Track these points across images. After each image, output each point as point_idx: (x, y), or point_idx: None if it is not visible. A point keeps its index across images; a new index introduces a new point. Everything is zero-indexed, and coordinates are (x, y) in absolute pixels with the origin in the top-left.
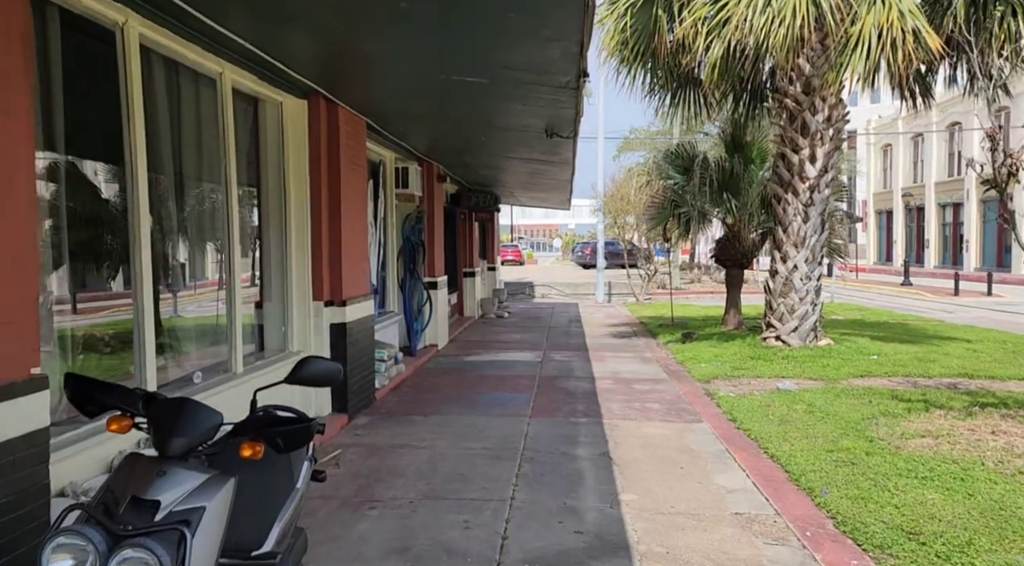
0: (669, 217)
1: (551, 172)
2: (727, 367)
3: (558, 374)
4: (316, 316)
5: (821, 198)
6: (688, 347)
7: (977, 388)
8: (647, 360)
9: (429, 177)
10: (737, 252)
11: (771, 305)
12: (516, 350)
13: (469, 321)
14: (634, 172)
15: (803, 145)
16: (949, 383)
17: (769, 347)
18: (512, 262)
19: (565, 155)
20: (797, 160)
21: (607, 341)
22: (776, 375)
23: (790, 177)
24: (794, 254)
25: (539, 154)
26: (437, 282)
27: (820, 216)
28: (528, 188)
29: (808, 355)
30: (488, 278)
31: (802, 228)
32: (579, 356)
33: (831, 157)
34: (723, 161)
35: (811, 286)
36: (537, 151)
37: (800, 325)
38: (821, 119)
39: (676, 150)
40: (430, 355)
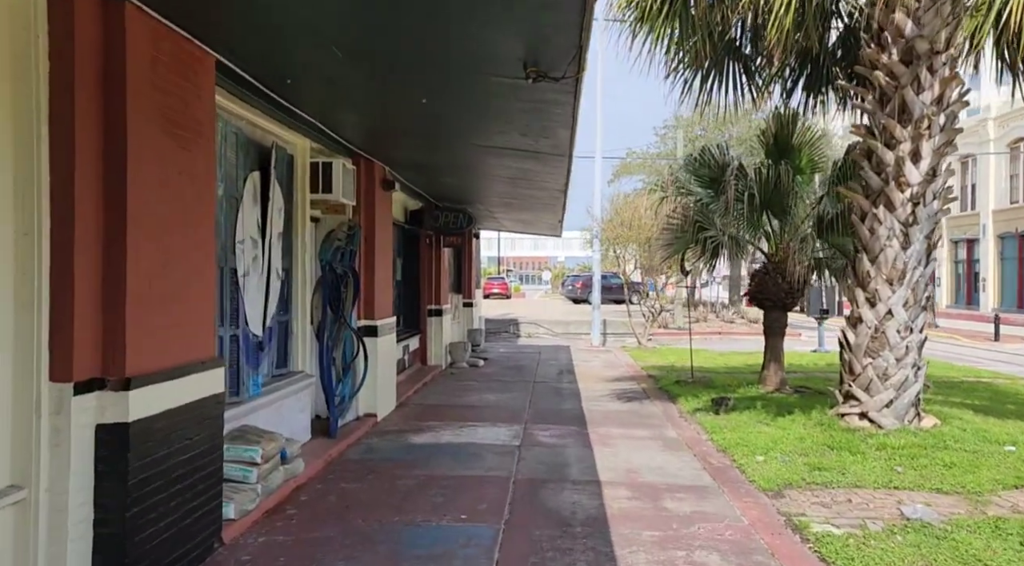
0: (690, 243)
1: (539, 176)
2: (800, 464)
3: (544, 475)
4: (56, 413)
5: (927, 214)
6: (726, 421)
7: None
8: (674, 444)
9: (368, 181)
10: (780, 290)
11: (851, 367)
12: (487, 423)
13: (433, 373)
14: (641, 193)
15: (902, 137)
16: None
17: (851, 428)
18: (498, 295)
19: (559, 136)
20: (893, 159)
21: (611, 406)
22: (885, 485)
23: (881, 184)
24: (888, 294)
25: (522, 137)
26: (378, 326)
27: (926, 240)
28: (511, 205)
29: (914, 444)
30: (463, 316)
31: (900, 257)
32: (574, 435)
33: (942, 155)
34: (764, 170)
35: (913, 341)
36: (518, 131)
37: (897, 397)
38: (929, 99)
39: (701, 157)
40: (362, 433)
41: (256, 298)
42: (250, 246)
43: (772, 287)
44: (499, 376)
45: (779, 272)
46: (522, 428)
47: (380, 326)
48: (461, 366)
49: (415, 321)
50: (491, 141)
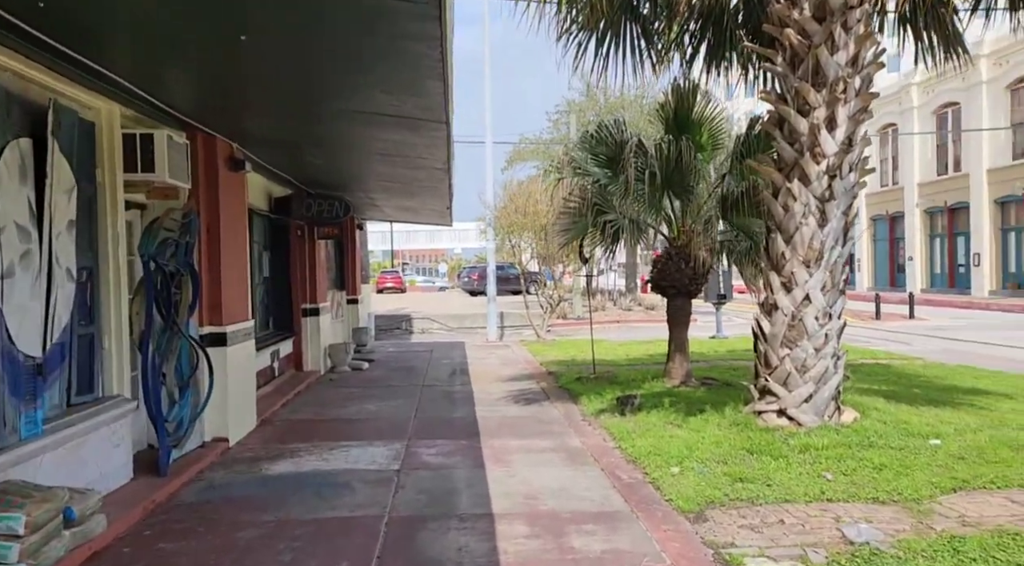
0: (589, 228)
1: (416, 150)
2: (720, 475)
3: (426, 509)
4: None
5: (844, 188)
6: (633, 424)
7: None
8: (578, 457)
9: (209, 159)
10: (684, 276)
11: (767, 359)
12: (363, 441)
13: (309, 379)
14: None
15: (816, 102)
16: None
17: (769, 428)
18: (393, 290)
19: (428, 91)
20: (807, 127)
21: (508, 411)
22: (817, 497)
23: (795, 155)
24: (805, 277)
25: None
26: (228, 333)
27: (843, 216)
28: (391, 190)
29: (838, 444)
30: (347, 314)
31: (816, 236)
32: (465, 451)
33: (858, 122)
34: (665, 147)
35: (832, 328)
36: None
37: (817, 391)
38: (844, 60)
39: (598, 134)
40: (204, 465)
41: (29, 307)
42: (16, 237)
43: (675, 273)
44: (385, 380)
45: (682, 257)
46: (404, 446)
47: (231, 333)
48: (343, 370)
49: (287, 322)
50: (350, 103)
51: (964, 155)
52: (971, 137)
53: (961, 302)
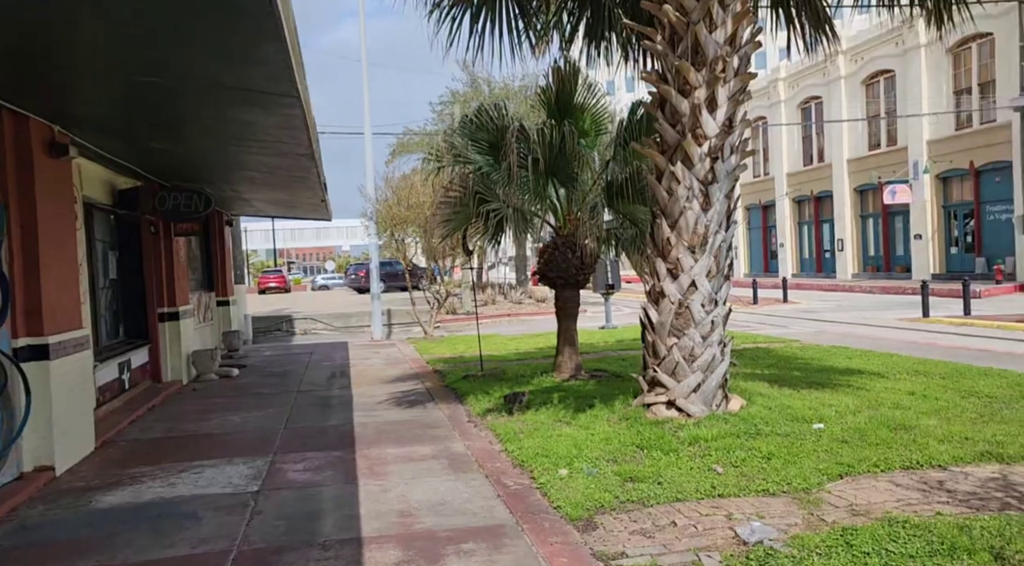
0: (471, 218)
1: (271, 133)
2: (610, 476)
3: (284, 538)
4: None
5: (726, 170)
6: (521, 424)
7: None
8: (462, 463)
9: (20, 143)
10: (571, 266)
11: (655, 349)
12: (220, 460)
13: (168, 391)
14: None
15: (696, 82)
16: (990, 478)
17: (659, 420)
18: (276, 289)
19: (268, 56)
20: (688, 107)
21: (389, 416)
22: (708, 493)
23: (678, 137)
24: (690, 263)
25: (221, 63)
26: (50, 345)
27: (726, 200)
28: (256, 181)
29: (727, 434)
30: (217, 317)
31: (701, 220)
32: (337, 464)
33: (738, 103)
34: (547, 132)
35: (718, 315)
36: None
37: (705, 380)
38: (722, 38)
39: (478, 118)
40: (20, 500)
41: None
42: None
43: (562, 263)
44: (255, 387)
45: (569, 246)
46: (268, 462)
47: (56, 344)
48: (209, 379)
49: (141, 329)
50: (182, 74)
51: (827, 146)
52: (833, 129)
53: (828, 285)
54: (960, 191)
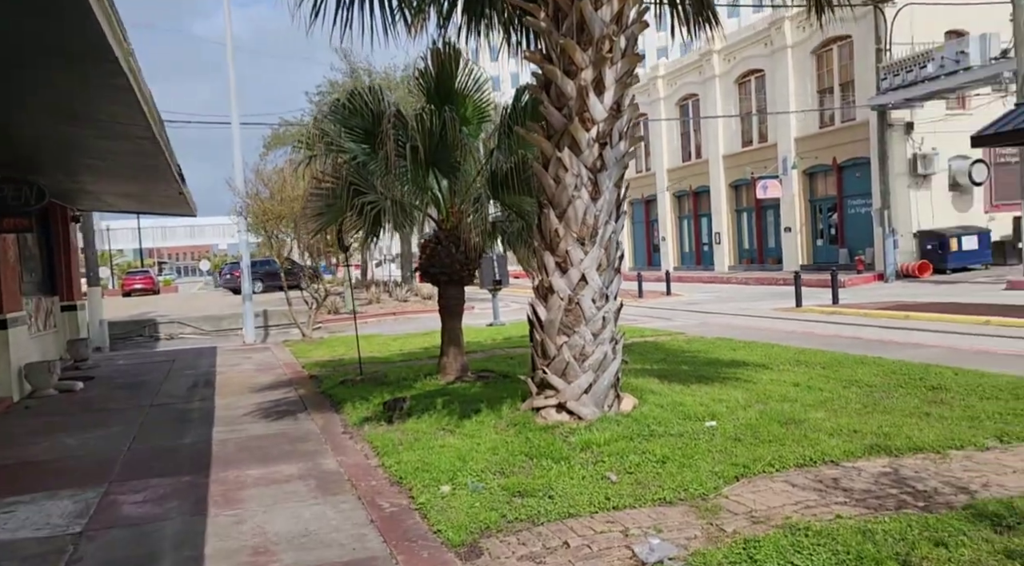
0: (345, 211)
1: (100, 107)
2: (497, 491)
3: None
4: None
5: (615, 157)
6: (401, 434)
7: (944, 484)
8: (332, 483)
9: None
10: (455, 261)
11: (544, 349)
12: (42, 492)
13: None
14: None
15: (583, 62)
16: (882, 473)
17: (549, 425)
18: (143, 291)
19: (74, 9)
20: (575, 89)
21: (254, 430)
22: (603, 506)
23: (564, 121)
24: (579, 256)
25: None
26: None
27: (616, 189)
28: (98, 170)
29: (620, 437)
30: (62, 324)
31: (590, 210)
32: (186, 492)
33: (626, 86)
34: (427, 118)
35: (610, 311)
36: None
37: (597, 380)
38: (608, 16)
39: (351, 103)
40: None
41: None
42: None
43: (446, 258)
44: (101, 402)
45: (452, 241)
46: (100, 493)
47: None
48: (46, 394)
49: None
50: None
51: (704, 143)
52: (709, 126)
53: (707, 277)
54: (825, 186)
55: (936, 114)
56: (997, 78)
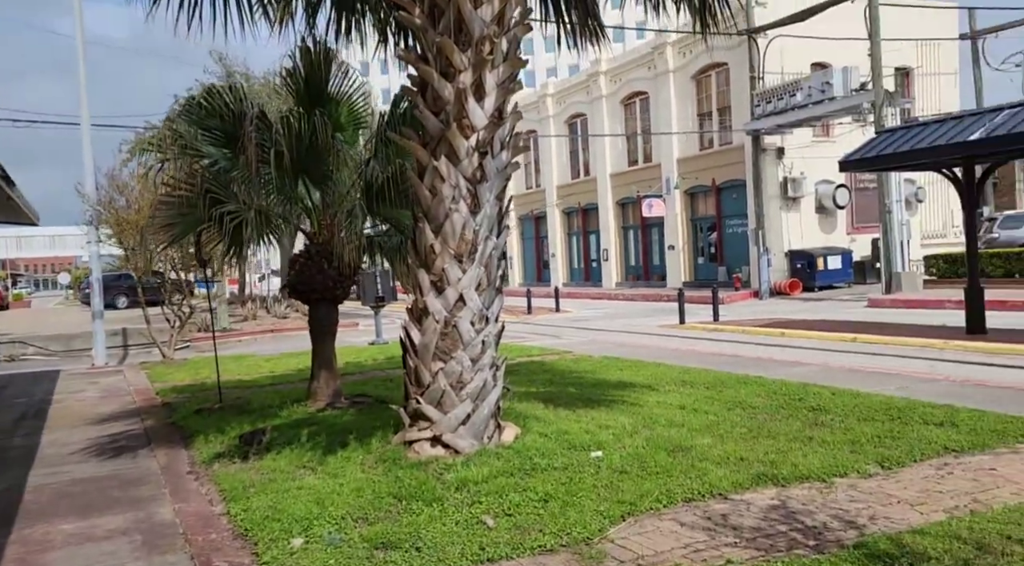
0: (202, 222)
1: None
2: (358, 543)
3: None
4: None
5: (497, 167)
6: (256, 472)
7: (832, 518)
8: (162, 539)
9: None
10: (327, 278)
11: (418, 376)
12: None
13: None
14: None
15: (461, 64)
16: (771, 506)
17: (422, 461)
18: None
19: None
20: (453, 93)
21: (80, 473)
22: (477, 557)
23: (441, 127)
24: (457, 274)
25: None
26: None
27: (497, 202)
28: None
29: (500, 472)
30: None
31: (469, 224)
32: None
33: (508, 91)
34: (295, 122)
35: (490, 334)
36: None
37: (476, 410)
38: (489, 16)
39: (209, 103)
40: None
41: None
42: None
43: (317, 274)
44: None
45: (325, 256)
46: None
47: None
48: None
49: None
50: None
51: (592, 161)
52: (597, 145)
53: (595, 293)
54: (705, 206)
55: (804, 140)
56: (858, 108)
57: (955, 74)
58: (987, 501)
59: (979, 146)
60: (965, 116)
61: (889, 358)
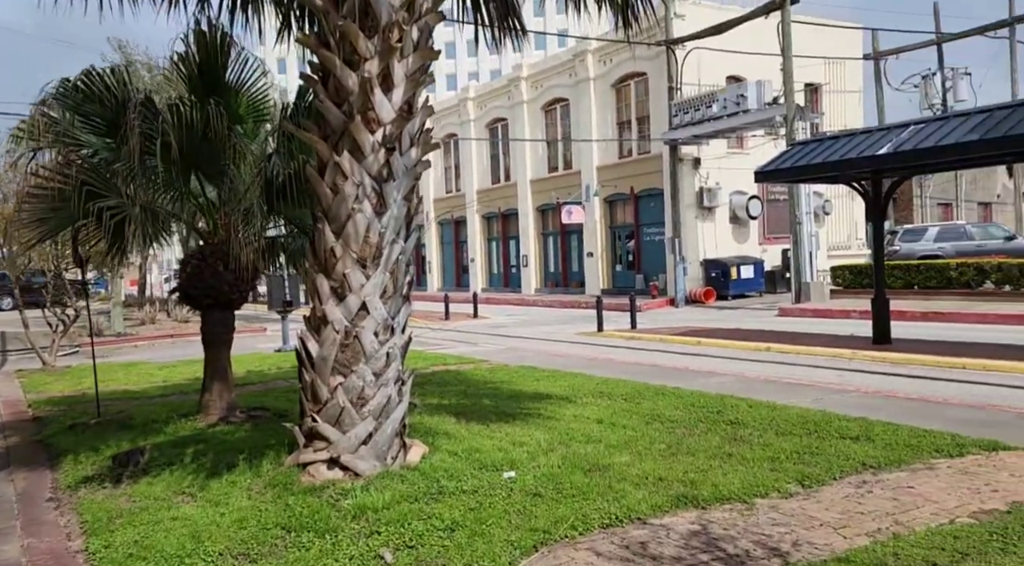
0: (78, 218)
1: None
2: None
3: None
4: None
5: (406, 166)
6: (127, 500)
7: (755, 545)
8: None
9: None
10: (223, 282)
11: (315, 392)
12: None
13: None
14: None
15: (367, 51)
16: (691, 531)
17: (317, 486)
18: None
19: None
20: (357, 83)
21: None
22: None
23: (344, 119)
24: (360, 280)
25: None
26: None
27: (405, 203)
28: None
29: (403, 498)
30: None
31: (374, 226)
32: None
33: (418, 84)
34: (186, 110)
35: (395, 346)
36: None
37: (378, 428)
38: (398, 1)
39: (88, 86)
40: None
41: None
42: None
43: (211, 278)
44: None
45: (220, 258)
46: None
47: None
48: None
49: None
50: None
51: (513, 166)
52: (517, 151)
53: (515, 299)
54: (624, 214)
55: (720, 152)
56: (771, 121)
57: (859, 92)
58: (908, 523)
59: (887, 160)
60: (874, 131)
61: (802, 368)
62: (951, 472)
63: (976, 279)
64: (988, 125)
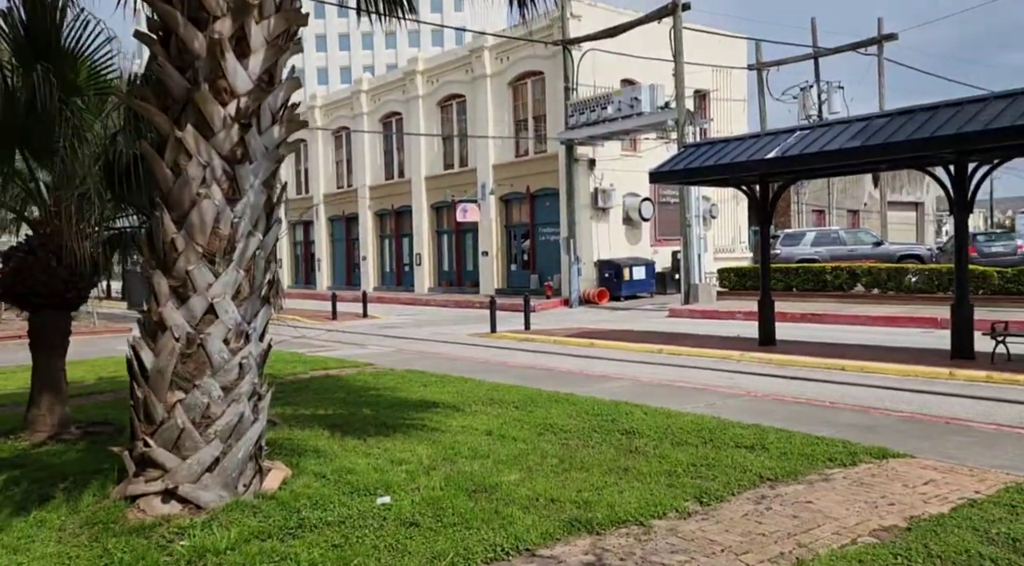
0: None
1: None
2: None
3: None
4: None
5: (266, 146)
6: None
7: None
8: None
9: None
10: (56, 278)
11: (148, 410)
12: None
13: None
14: None
15: (218, 8)
16: (584, 563)
17: (147, 524)
18: None
19: None
20: (204, 45)
21: None
22: None
23: (189, 87)
24: (207, 279)
25: None
26: None
27: (265, 190)
28: None
29: (252, 534)
30: None
31: (225, 215)
32: None
33: (282, 51)
34: (8, 75)
35: (251, 355)
36: None
37: (227, 452)
38: None
39: None
40: None
41: None
42: None
43: (41, 274)
44: None
45: (53, 251)
46: None
47: None
48: None
49: None
50: None
51: (407, 163)
52: (412, 147)
53: (407, 298)
54: (519, 213)
55: (614, 153)
56: (663, 125)
57: (744, 101)
58: (811, 544)
59: (775, 164)
60: (763, 135)
61: (693, 370)
62: (847, 484)
63: (848, 282)
64: (868, 132)
